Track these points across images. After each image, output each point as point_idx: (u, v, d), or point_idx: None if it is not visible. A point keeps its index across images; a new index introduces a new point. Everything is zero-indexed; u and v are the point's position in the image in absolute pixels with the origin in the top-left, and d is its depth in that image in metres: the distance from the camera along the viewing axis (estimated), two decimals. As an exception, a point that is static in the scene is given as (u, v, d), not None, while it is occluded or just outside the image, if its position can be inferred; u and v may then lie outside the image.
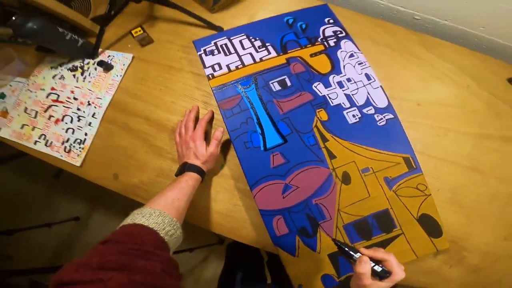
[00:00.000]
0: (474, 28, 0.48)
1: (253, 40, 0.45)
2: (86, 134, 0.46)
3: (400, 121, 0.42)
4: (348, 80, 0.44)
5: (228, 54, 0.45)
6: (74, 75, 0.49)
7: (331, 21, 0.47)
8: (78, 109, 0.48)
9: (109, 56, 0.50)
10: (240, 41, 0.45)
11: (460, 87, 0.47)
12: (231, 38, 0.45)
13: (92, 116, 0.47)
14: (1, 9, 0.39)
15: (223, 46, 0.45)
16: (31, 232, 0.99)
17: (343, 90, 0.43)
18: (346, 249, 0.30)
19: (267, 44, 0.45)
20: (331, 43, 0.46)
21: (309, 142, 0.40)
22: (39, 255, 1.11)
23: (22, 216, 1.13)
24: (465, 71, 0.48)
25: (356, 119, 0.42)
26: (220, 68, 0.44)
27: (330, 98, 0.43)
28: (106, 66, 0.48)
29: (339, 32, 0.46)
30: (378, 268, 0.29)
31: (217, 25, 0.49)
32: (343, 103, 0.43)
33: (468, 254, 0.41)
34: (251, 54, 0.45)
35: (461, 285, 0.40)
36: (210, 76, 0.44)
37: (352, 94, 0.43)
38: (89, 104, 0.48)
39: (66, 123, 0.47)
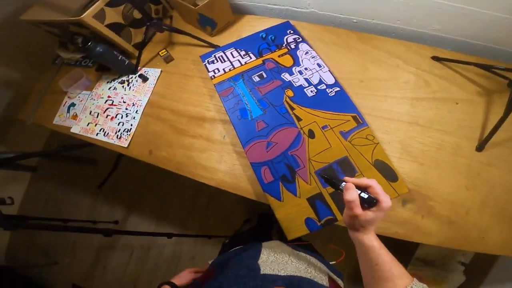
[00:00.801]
0: (392, 22, 0.67)
1: (239, 51, 0.67)
2: (131, 125, 0.68)
3: (346, 92, 0.60)
4: (306, 69, 0.64)
5: (223, 61, 0.66)
6: (122, 86, 0.73)
7: (291, 31, 0.68)
8: (126, 109, 0.70)
9: (145, 71, 0.74)
10: (231, 53, 0.67)
11: (392, 66, 0.65)
12: (225, 51, 0.68)
13: (136, 112, 0.69)
14: (83, 37, 0.62)
15: (220, 57, 0.67)
16: (78, 236, 1.17)
17: (302, 76, 0.63)
18: (333, 180, 0.32)
19: (249, 52, 0.67)
20: (292, 46, 0.67)
21: (281, 111, 0.59)
22: (84, 257, 1.29)
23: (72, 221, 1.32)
24: (394, 54, 0.66)
25: (313, 93, 0.60)
26: (219, 71, 0.65)
27: (293, 82, 0.62)
28: (144, 78, 0.71)
29: (297, 38, 0.67)
30: (364, 195, 0.28)
31: (215, 44, 0.71)
32: (303, 84, 0.62)
33: (435, 204, 0.49)
34: (238, 60, 0.66)
35: (442, 239, 0.46)
36: (212, 77, 0.65)
37: (309, 78, 0.63)
38: (133, 105, 0.70)
39: (118, 118, 0.69)
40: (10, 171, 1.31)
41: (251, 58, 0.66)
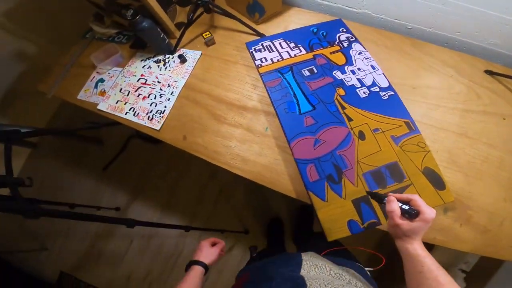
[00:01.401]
0: (451, 33, 0.66)
1: (288, 42, 0.64)
2: (165, 107, 0.63)
3: (400, 97, 0.57)
4: (358, 69, 0.61)
5: (271, 51, 0.63)
6: (158, 66, 0.69)
7: (344, 30, 0.66)
8: (161, 89, 0.66)
9: (183, 52, 0.70)
10: (280, 43, 0.64)
11: (445, 76, 0.63)
12: (273, 41, 0.64)
13: (171, 94, 0.65)
14: (133, 9, 0.57)
15: (268, 46, 0.64)
16: (74, 222, 1.06)
17: (355, 76, 0.60)
18: (378, 195, 0.34)
19: (299, 45, 0.63)
20: (345, 44, 0.64)
21: (332, 109, 0.56)
22: (79, 242, 1.21)
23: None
24: (447, 64, 0.64)
25: (365, 94, 0.57)
26: (266, 60, 0.62)
27: (345, 80, 0.59)
28: (183, 59, 0.67)
29: (350, 38, 0.65)
30: (405, 206, 0.30)
31: (261, 32, 0.68)
32: (355, 84, 0.59)
33: (474, 213, 0.49)
34: (287, 52, 0.63)
35: (475, 246, 0.48)
36: (259, 65, 0.61)
37: (362, 78, 0.60)
38: (169, 86, 0.66)
39: (151, 99, 0.65)
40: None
41: (301, 51, 0.63)
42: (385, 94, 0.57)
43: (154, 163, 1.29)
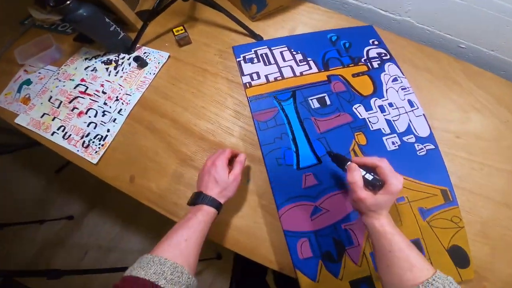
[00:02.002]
0: None
1: (294, 53, 0.44)
2: (108, 131, 0.44)
3: (441, 153, 0.39)
4: (390, 105, 0.42)
5: (267, 64, 0.43)
6: (107, 69, 0.48)
7: (376, 42, 0.46)
8: (105, 103, 0.46)
9: (145, 52, 0.49)
10: (281, 53, 0.44)
11: (499, 121, 0.45)
12: (272, 48, 0.44)
13: (118, 112, 0.45)
14: None
15: (263, 55, 0.44)
16: (20, 227, 0.94)
17: (384, 115, 0.41)
18: (340, 158, 0.30)
19: (308, 59, 0.44)
20: (375, 64, 0.44)
21: (348, 166, 0.37)
22: (23, 251, 1.04)
23: (15, 209, 1.08)
24: (505, 104, 0.46)
25: (395, 146, 0.39)
26: (259, 77, 0.42)
27: (370, 122, 0.41)
28: (142, 63, 0.46)
29: (383, 55, 0.45)
30: (369, 176, 0.26)
31: (257, 33, 0.48)
32: (383, 128, 0.40)
33: (489, 284, 0.38)
34: (291, 67, 0.43)
35: None
36: (247, 84, 0.42)
37: (393, 120, 0.41)
38: (117, 100, 0.46)
39: (90, 116, 0.45)
40: None
41: (310, 67, 0.43)
42: (422, 148, 0.39)
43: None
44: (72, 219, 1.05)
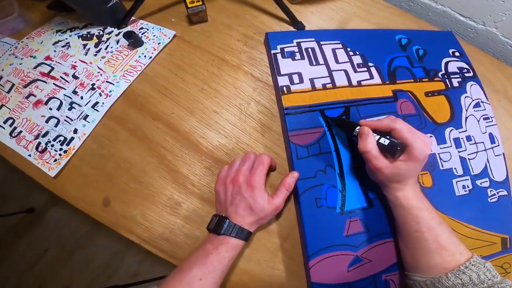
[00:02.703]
0: None
1: (351, 53, 0.32)
2: (75, 132, 0.31)
3: None
4: (468, 138, 0.31)
5: (314, 63, 0.31)
6: (84, 45, 0.34)
7: (457, 53, 0.34)
8: (75, 92, 0.32)
9: (141, 28, 0.35)
10: (334, 50, 0.31)
11: None
12: (322, 43, 0.32)
13: (93, 107, 0.31)
14: None
15: (310, 50, 0.31)
16: None
17: (459, 151, 0.31)
18: (347, 121, 0.25)
19: (369, 64, 0.32)
20: (455, 82, 0.33)
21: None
22: None
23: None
24: None
25: (465, 191, 0.30)
26: (301, 80, 0.30)
27: (441, 159, 0.30)
28: (135, 41, 0.33)
29: (465, 70, 0.34)
30: (384, 141, 0.22)
31: (299, 20, 0.35)
32: (455, 168, 0.30)
33: None
34: (346, 72, 0.31)
35: None
36: (284, 89, 0.29)
37: (469, 159, 0.31)
38: (92, 89, 0.32)
39: (51, 108, 0.31)
40: None
41: (372, 76, 0.31)
42: (494, 194, 0.31)
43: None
44: (33, 212, 0.92)
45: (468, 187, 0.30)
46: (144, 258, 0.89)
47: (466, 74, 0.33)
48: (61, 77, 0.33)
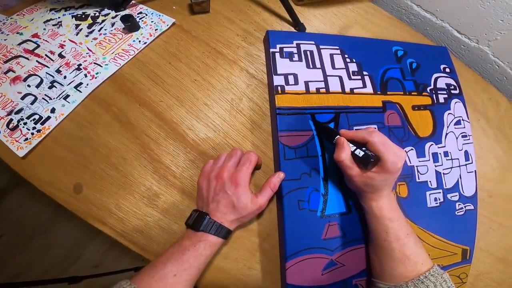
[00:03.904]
0: None
1: (348, 60, 0.32)
2: (53, 111, 0.29)
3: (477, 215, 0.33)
4: (445, 154, 0.33)
5: (311, 66, 0.31)
6: (77, 25, 0.33)
7: (448, 70, 0.36)
8: (58, 71, 0.30)
9: (140, 13, 0.34)
10: (331, 56, 0.32)
11: None
12: (321, 47, 0.32)
13: (76, 87, 0.29)
14: None
15: (308, 53, 0.31)
16: None
17: (435, 166, 0.32)
18: (328, 129, 0.26)
19: (364, 73, 0.32)
20: (441, 98, 0.34)
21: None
22: None
23: None
24: None
25: (437, 203, 0.31)
26: (296, 82, 0.30)
27: (418, 171, 0.31)
28: (132, 25, 0.31)
29: (452, 87, 0.35)
30: (359, 152, 0.22)
31: (301, 21, 0.35)
32: (430, 181, 0.32)
33: None
34: (340, 78, 0.31)
35: None
36: (278, 88, 0.29)
37: (444, 173, 0.32)
38: (78, 69, 0.30)
39: (29, 86, 0.29)
40: None
41: (364, 85, 0.32)
42: (461, 208, 0.32)
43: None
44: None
45: (439, 199, 0.31)
46: (108, 249, 0.83)
47: (453, 91, 0.35)
48: (46, 55, 0.31)
